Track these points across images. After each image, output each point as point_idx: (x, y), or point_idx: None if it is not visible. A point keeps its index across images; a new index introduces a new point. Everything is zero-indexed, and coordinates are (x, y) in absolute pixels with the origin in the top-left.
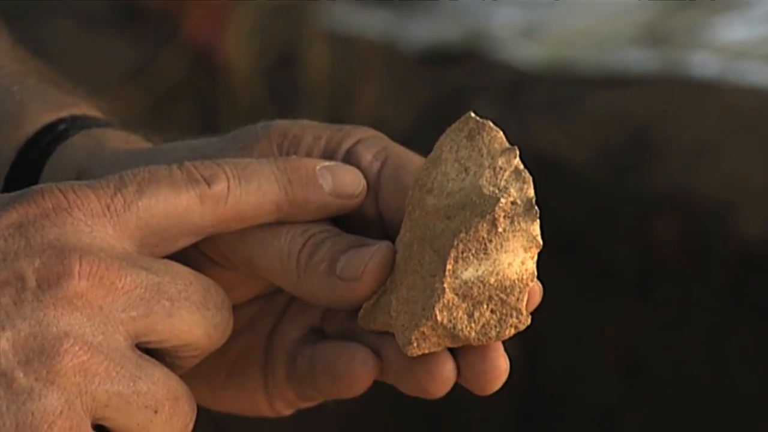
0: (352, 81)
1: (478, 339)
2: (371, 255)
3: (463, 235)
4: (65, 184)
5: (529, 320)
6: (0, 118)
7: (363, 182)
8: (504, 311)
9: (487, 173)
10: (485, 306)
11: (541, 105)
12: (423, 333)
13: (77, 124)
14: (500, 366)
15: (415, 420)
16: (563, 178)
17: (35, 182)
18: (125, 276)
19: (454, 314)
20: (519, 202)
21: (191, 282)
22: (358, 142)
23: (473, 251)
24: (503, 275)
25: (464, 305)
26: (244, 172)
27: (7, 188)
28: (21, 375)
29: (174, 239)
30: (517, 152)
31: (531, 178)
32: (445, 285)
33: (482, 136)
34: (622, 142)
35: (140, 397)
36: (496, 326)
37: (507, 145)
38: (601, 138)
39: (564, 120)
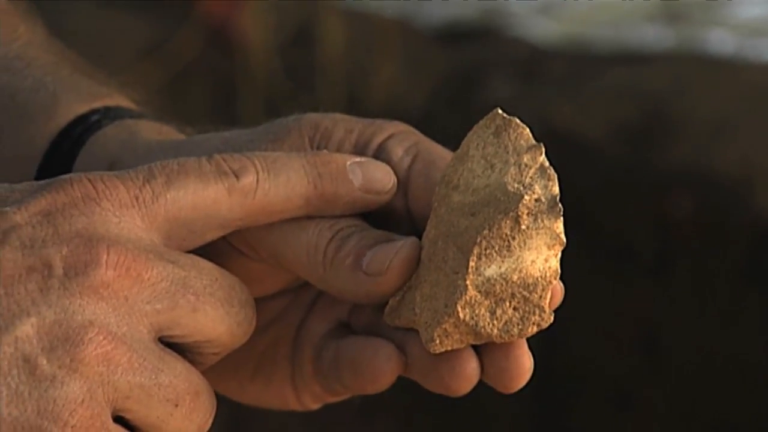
0: (368, 58)
1: (501, 336)
2: (397, 251)
3: (486, 231)
4: (94, 174)
5: (552, 318)
6: (33, 109)
7: (393, 179)
8: (527, 309)
9: (513, 170)
10: (508, 303)
11: (557, 82)
12: (445, 330)
13: (110, 115)
14: (524, 364)
15: (433, 395)
16: (579, 154)
17: (67, 173)
18: (152, 268)
19: (477, 311)
20: (543, 199)
21: (217, 278)
22: (390, 136)
23: (496, 248)
24: (526, 273)
25: (487, 302)
26: (274, 166)
27: (39, 179)
28: (44, 362)
29: (201, 232)
30: (543, 149)
31: (556, 176)
32: (468, 282)
33: (509, 133)
34: (639, 119)
35: (162, 389)
36: (518, 324)
37: (533, 142)
38: (617, 115)
39: (580, 97)
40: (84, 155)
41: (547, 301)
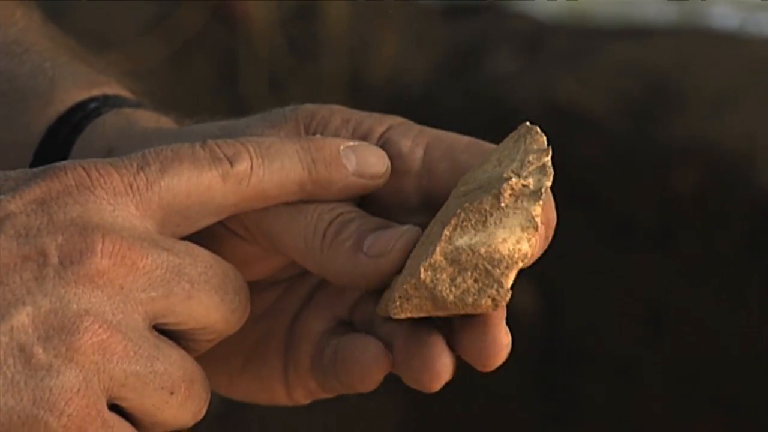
0: (371, 32)
1: (455, 304)
2: (401, 234)
3: (467, 205)
4: (88, 162)
5: (509, 296)
6: (31, 95)
7: (387, 162)
8: (486, 282)
9: (515, 165)
10: (469, 273)
11: (560, 56)
12: (406, 291)
13: (109, 103)
14: (501, 340)
15: None
16: (582, 129)
17: (64, 159)
18: (147, 256)
19: (438, 276)
20: (531, 188)
21: (211, 265)
22: (389, 128)
23: (473, 222)
24: (494, 248)
25: (450, 269)
26: (268, 152)
27: (35, 165)
28: (40, 351)
29: (196, 219)
30: (550, 152)
31: (553, 174)
32: (438, 247)
33: (526, 138)
34: (642, 94)
35: (157, 377)
36: (474, 294)
37: (544, 146)
38: (620, 89)
39: (583, 71)
40: (81, 142)
41: (509, 280)
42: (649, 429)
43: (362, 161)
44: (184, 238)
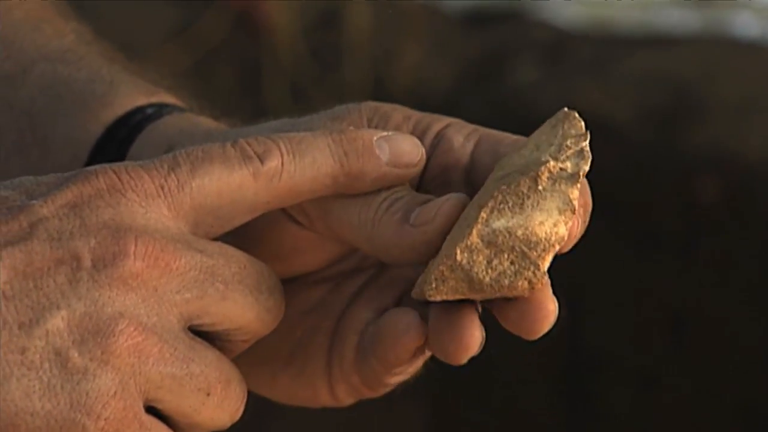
0: (394, 41)
1: (491, 286)
2: (443, 202)
3: (504, 187)
4: (119, 165)
5: (546, 279)
6: (90, 97)
7: (421, 151)
8: (522, 264)
9: (553, 149)
10: (506, 255)
11: (583, 65)
12: (442, 272)
13: (168, 109)
14: (547, 306)
15: (460, 380)
16: (606, 138)
17: (122, 157)
18: (180, 257)
19: (475, 257)
20: (569, 171)
21: (245, 265)
22: (448, 125)
23: (510, 204)
24: (531, 231)
25: (486, 251)
26: (299, 147)
27: (91, 164)
28: (76, 354)
29: (229, 218)
30: (588, 137)
31: (590, 160)
32: (474, 229)
33: (564, 123)
34: (665, 102)
35: (193, 379)
36: (510, 276)
37: (583, 131)
38: (643, 98)
39: (606, 80)
40: (140, 141)
41: (546, 262)
42: None
43: (396, 150)
44: (225, 235)
